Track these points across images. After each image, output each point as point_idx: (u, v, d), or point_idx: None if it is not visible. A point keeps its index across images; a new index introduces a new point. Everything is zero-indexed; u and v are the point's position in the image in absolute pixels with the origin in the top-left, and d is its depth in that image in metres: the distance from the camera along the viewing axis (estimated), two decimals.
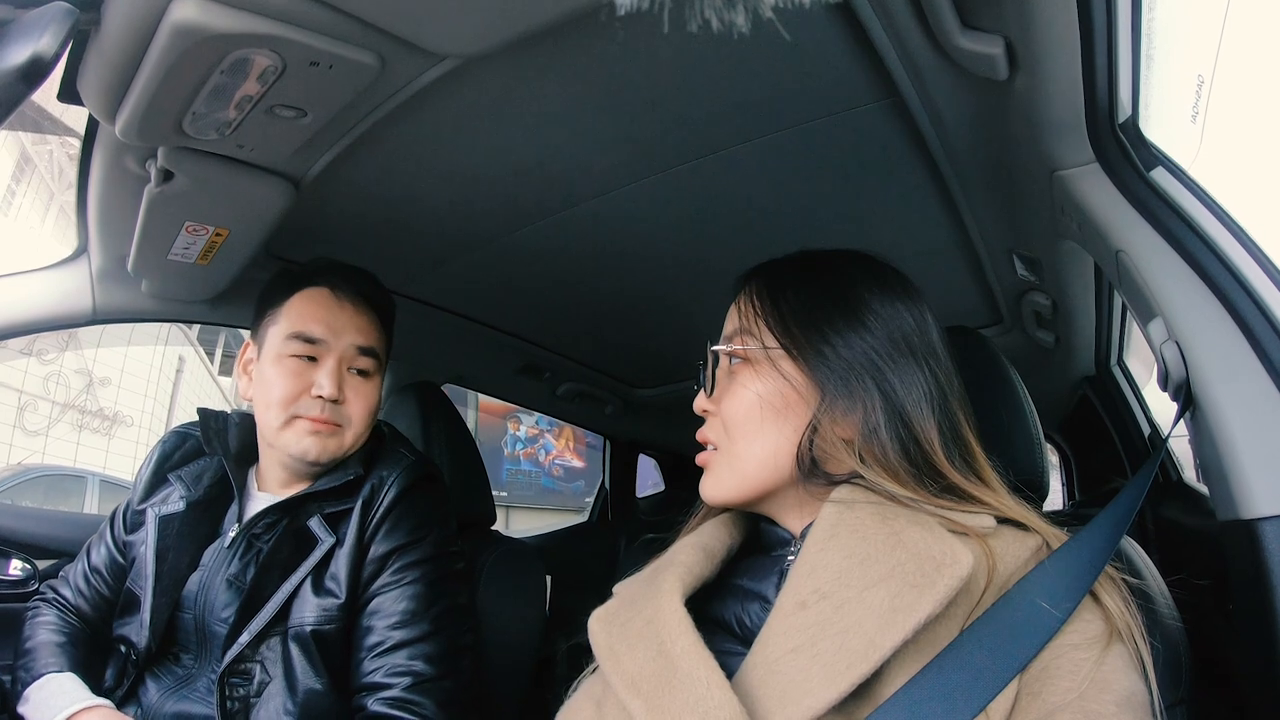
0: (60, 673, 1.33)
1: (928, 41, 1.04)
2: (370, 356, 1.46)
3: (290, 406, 1.39)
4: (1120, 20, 0.97)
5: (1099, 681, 0.72)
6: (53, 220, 12.51)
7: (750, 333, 0.96)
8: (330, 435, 1.40)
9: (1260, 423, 0.88)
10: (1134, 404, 2.37)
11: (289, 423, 1.39)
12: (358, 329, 1.45)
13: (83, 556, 1.54)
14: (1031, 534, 0.84)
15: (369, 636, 1.33)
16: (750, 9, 0.74)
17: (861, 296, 0.94)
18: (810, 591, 0.80)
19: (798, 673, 0.76)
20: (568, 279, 1.93)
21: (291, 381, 1.39)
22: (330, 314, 1.44)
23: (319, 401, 1.39)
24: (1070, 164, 1.15)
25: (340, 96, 1.09)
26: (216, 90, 1.03)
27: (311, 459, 1.39)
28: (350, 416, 1.43)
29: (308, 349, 1.41)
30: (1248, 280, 0.94)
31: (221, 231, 1.45)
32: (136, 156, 1.27)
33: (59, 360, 11.24)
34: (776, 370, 0.92)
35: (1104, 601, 0.78)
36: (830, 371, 0.89)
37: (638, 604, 0.89)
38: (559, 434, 14.02)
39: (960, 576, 0.75)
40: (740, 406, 0.93)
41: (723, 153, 1.38)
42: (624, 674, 0.82)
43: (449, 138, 1.32)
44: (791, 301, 0.95)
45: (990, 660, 0.74)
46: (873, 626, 0.75)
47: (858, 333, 0.91)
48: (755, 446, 0.91)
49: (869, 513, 0.84)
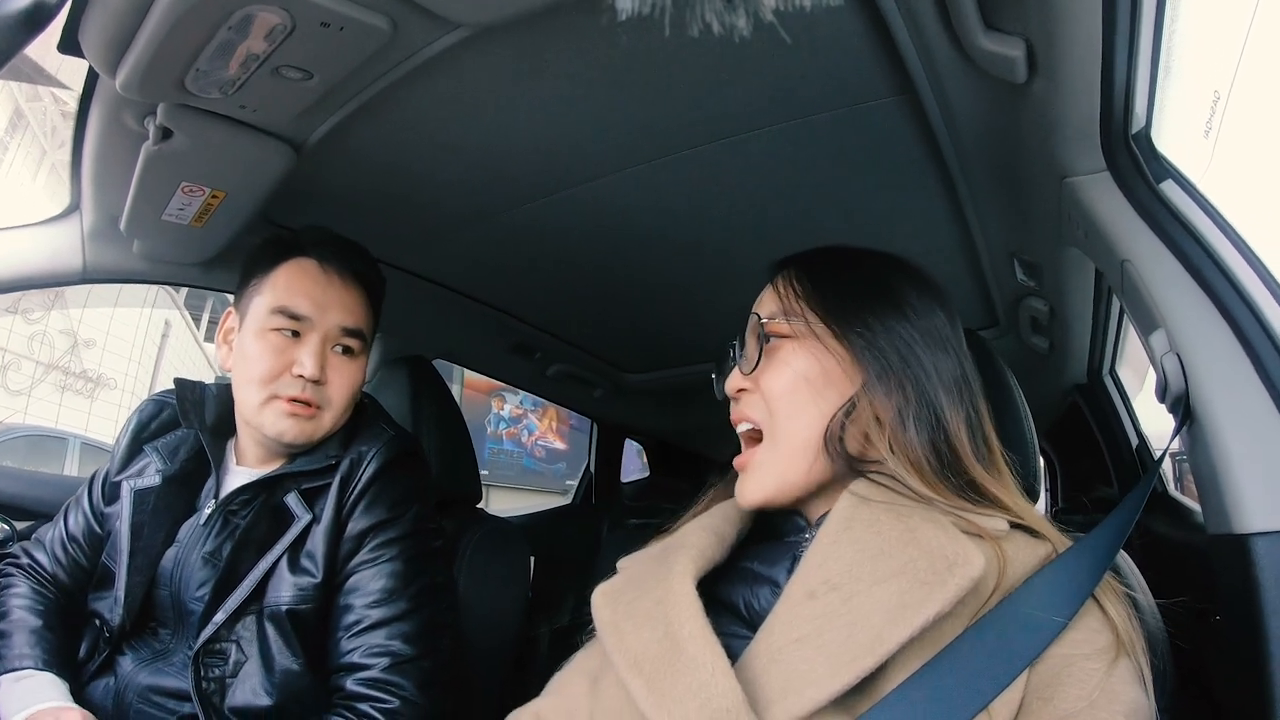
0: (40, 670, 1.29)
1: (948, 39, 1.03)
2: (355, 337, 1.42)
3: (270, 385, 1.35)
4: (1143, 30, 0.96)
5: (1109, 692, 0.73)
6: (44, 178, 12.39)
7: (791, 312, 0.96)
8: (309, 419, 1.37)
9: (1258, 439, 0.89)
10: (1124, 414, 2.38)
11: (267, 401, 1.36)
12: (344, 307, 1.41)
13: (59, 521, 1.50)
14: (1043, 541, 0.85)
15: (346, 615, 1.31)
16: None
17: (900, 288, 0.96)
18: (820, 582, 0.81)
19: (802, 663, 0.76)
20: (565, 259, 1.92)
21: (273, 358, 1.36)
22: (317, 289, 1.40)
23: (299, 381, 1.35)
24: (1081, 171, 1.15)
25: (349, 60, 1.08)
26: (222, 47, 1.01)
27: (288, 441, 1.37)
28: (331, 398, 1.39)
29: (291, 324, 1.37)
30: (1252, 297, 0.95)
31: (218, 193, 1.43)
32: (135, 113, 1.24)
33: (45, 320, 11.17)
34: (821, 347, 0.93)
35: (1110, 614, 0.79)
36: (872, 352, 0.91)
37: (647, 584, 0.89)
38: (542, 415, 14.02)
39: (971, 578, 0.76)
40: (783, 381, 0.93)
41: (728, 140, 1.37)
42: (627, 652, 0.83)
43: (454, 110, 1.30)
44: (832, 284, 0.97)
45: (991, 661, 0.74)
46: (880, 621, 0.75)
47: (896, 318, 0.93)
48: (799, 423, 0.92)
49: (884, 508, 0.85)
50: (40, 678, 1.28)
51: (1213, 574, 0.94)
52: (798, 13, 0.73)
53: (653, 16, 0.99)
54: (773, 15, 0.72)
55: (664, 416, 3.18)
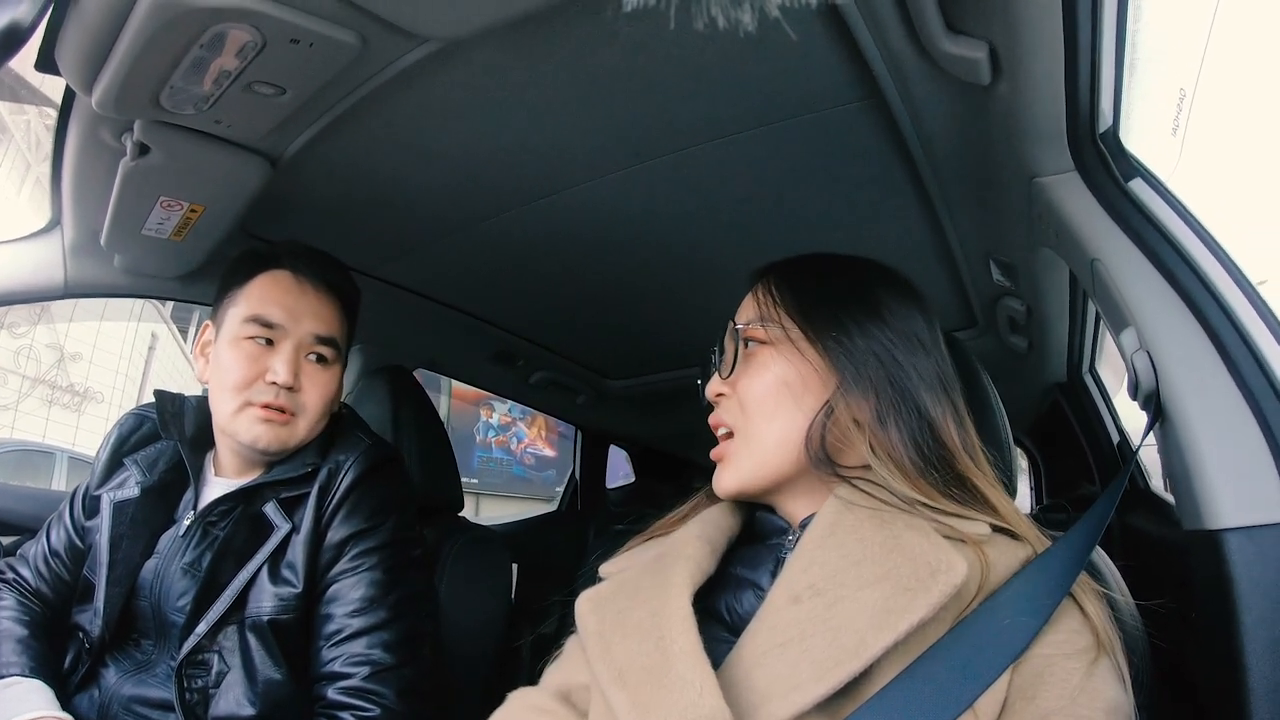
0: (26, 677, 1.29)
1: (911, 43, 1.04)
2: (329, 345, 1.43)
3: (243, 392, 1.36)
4: (1105, 29, 0.97)
5: (1089, 690, 0.74)
6: (29, 192, 12.33)
7: (771, 319, 0.98)
8: (283, 425, 1.37)
9: (1228, 435, 0.90)
10: (1104, 412, 2.39)
11: (241, 409, 1.36)
12: (317, 316, 1.42)
13: (42, 537, 1.50)
14: (1023, 544, 0.86)
15: (327, 625, 1.31)
16: (738, 5, 0.73)
17: (879, 296, 0.97)
18: (804, 587, 0.81)
19: (785, 667, 0.77)
20: (544, 267, 1.92)
21: (246, 366, 1.36)
22: (291, 298, 1.40)
23: (273, 388, 1.36)
24: (1049, 171, 1.16)
25: (320, 75, 1.08)
26: (195, 64, 1.02)
27: (262, 447, 1.37)
28: (305, 404, 1.40)
29: (265, 332, 1.38)
30: (1220, 293, 0.96)
31: (196, 208, 1.43)
32: (112, 129, 1.25)
33: (30, 334, 11.10)
34: (797, 353, 0.95)
35: (1090, 614, 0.80)
36: (848, 357, 0.92)
37: (640, 594, 0.89)
38: (531, 422, 13.97)
39: (954, 584, 0.77)
40: (759, 386, 0.95)
41: (704, 146, 1.38)
42: (612, 663, 0.83)
43: (429, 120, 1.31)
44: (813, 293, 0.99)
45: (972, 662, 0.75)
46: (865, 625, 0.76)
47: (875, 325, 0.94)
48: (774, 426, 0.93)
49: (867, 515, 0.86)
50: (27, 684, 1.28)
51: (1189, 570, 0.95)
52: (761, 19, 0.73)
53: (617, 30, 1.00)
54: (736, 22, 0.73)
55: (647, 422, 3.18)
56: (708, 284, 1.88)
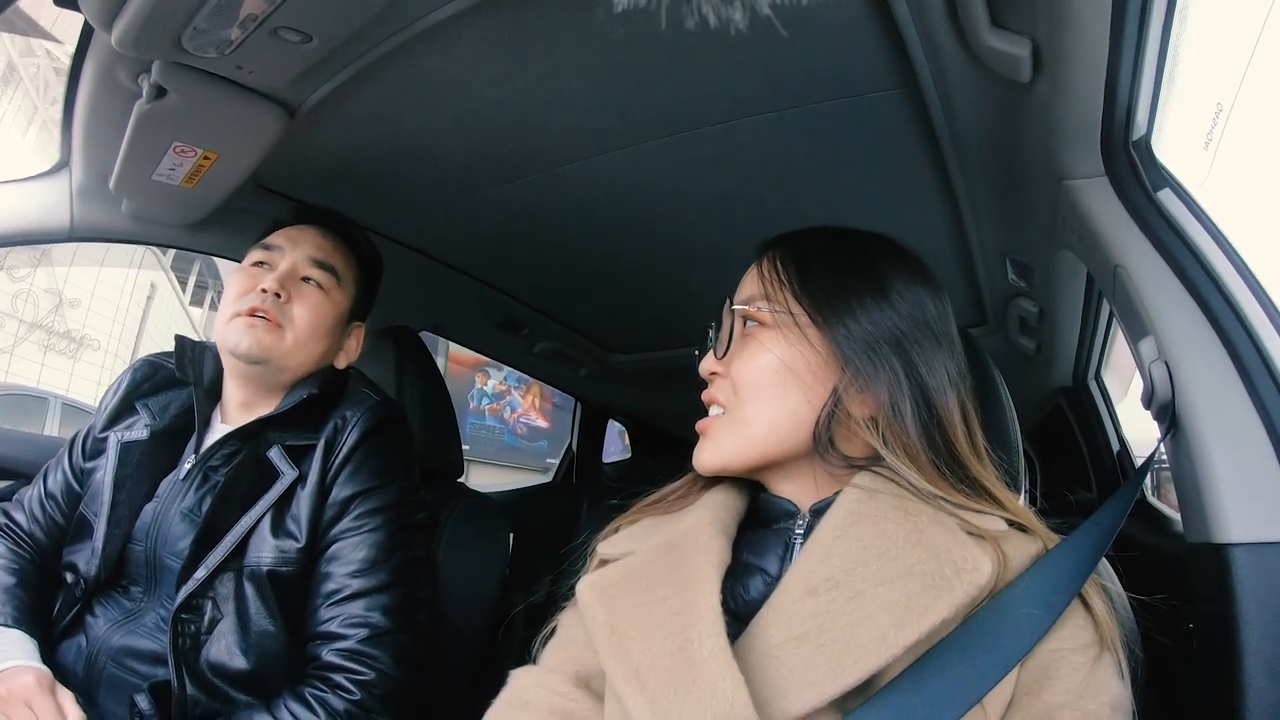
0: (8, 627, 1.28)
1: (954, 34, 1.03)
2: (324, 269, 1.45)
3: (235, 303, 1.38)
4: (1150, 38, 0.96)
5: (1094, 685, 0.74)
6: (35, 135, 12.26)
7: (772, 298, 0.93)
8: (267, 330, 1.38)
9: (1241, 450, 0.89)
10: (1106, 420, 2.39)
11: (231, 319, 1.38)
12: (316, 244, 1.46)
13: (39, 481, 1.49)
14: (1034, 539, 0.84)
15: (327, 583, 1.31)
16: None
17: (887, 275, 0.92)
18: (823, 578, 0.78)
19: (801, 661, 0.74)
20: (556, 237, 1.91)
21: (244, 282, 1.41)
22: (295, 230, 1.48)
23: (262, 294, 1.38)
24: (1078, 175, 1.15)
25: (349, 23, 1.06)
26: (221, 5, 0.99)
27: (244, 350, 1.36)
28: (292, 316, 1.41)
29: (264, 255, 1.44)
30: (1242, 309, 0.95)
31: (210, 155, 1.41)
32: (130, 70, 1.23)
33: (30, 278, 11.08)
34: (802, 337, 0.90)
35: (1094, 609, 0.79)
36: (854, 343, 0.88)
37: (660, 587, 0.84)
38: (526, 392, 14.00)
39: (979, 585, 0.75)
40: (755, 369, 0.90)
41: (723, 124, 1.36)
42: (627, 661, 0.79)
43: (452, 81, 1.29)
44: (817, 271, 0.93)
45: (983, 657, 0.74)
46: (886, 622, 0.74)
47: (882, 308, 0.89)
48: (766, 410, 0.89)
49: (891, 505, 0.82)
50: (8, 634, 1.27)
51: (1188, 582, 0.95)
52: (801, 2, 0.72)
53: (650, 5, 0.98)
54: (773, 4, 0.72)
55: (648, 398, 3.17)
56: (717, 263, 1.86)
